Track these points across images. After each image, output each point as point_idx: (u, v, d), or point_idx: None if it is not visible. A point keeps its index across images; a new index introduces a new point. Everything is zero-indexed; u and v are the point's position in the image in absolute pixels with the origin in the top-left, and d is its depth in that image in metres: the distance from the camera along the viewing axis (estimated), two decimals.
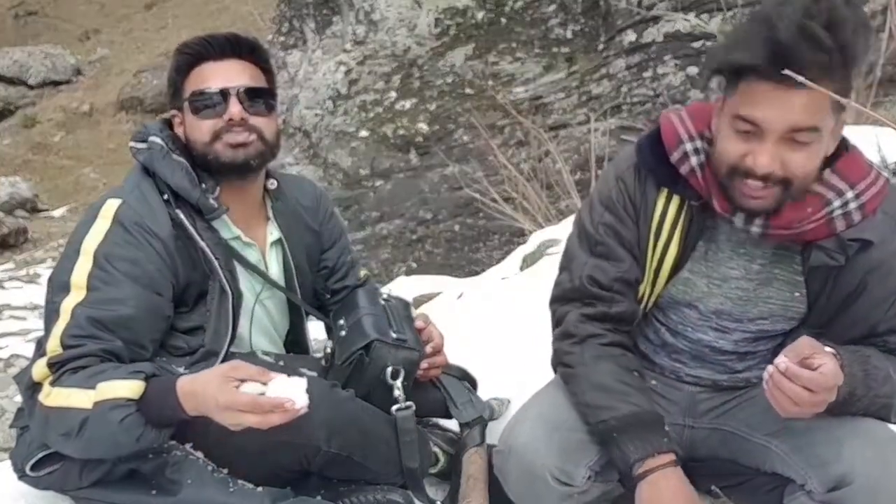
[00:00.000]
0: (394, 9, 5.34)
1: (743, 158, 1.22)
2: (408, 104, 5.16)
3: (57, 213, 11.17)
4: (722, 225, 1.37)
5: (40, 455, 1.51)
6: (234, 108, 1.51)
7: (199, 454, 1.50)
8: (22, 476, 1.57)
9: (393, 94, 5.24)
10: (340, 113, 5.32)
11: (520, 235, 4.58)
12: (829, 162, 1.28)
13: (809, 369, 1.17)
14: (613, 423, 1.31)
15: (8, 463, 1.65)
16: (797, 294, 1.36)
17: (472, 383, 1.86)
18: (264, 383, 1.32)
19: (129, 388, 1.36)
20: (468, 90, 5.04)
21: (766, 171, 1.20)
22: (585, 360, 1.39)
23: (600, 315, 1.41)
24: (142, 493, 1.49)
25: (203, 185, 1.53)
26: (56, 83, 14.56)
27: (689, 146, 1.33)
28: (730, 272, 1.39)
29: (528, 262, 3.38)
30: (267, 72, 1.62)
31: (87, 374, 1.38)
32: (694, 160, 1.32)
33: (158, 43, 15.02)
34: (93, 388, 1.35)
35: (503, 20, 5.05)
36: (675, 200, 1.37)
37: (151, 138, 1.53)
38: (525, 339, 2.14)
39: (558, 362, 1.45)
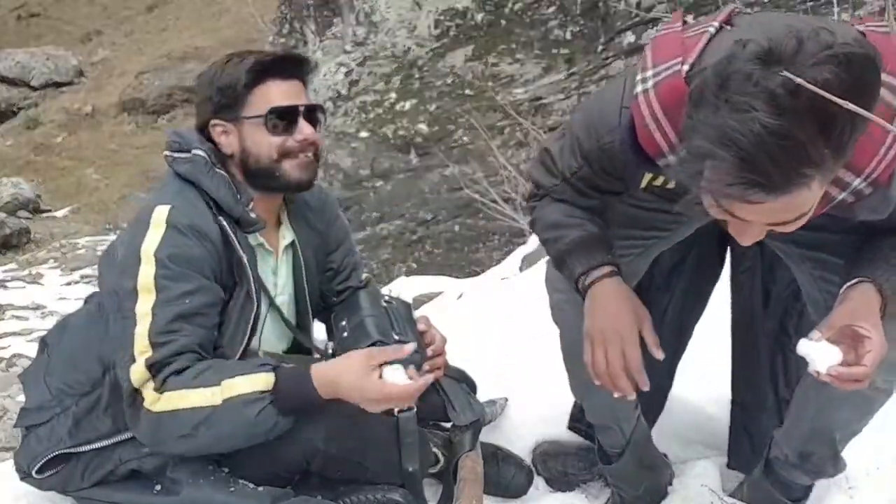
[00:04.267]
0: (394, 10, 5.35)
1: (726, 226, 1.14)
2: (408, 105, 5.17)
3: (59, 213, 11.21)
4: None
5: (46, 459, 1.52)
6: (307, 129, 1.56)
7: None
8: (25, 477, 1.58)
9: (393, 95, 5.25)
10: (341, 114, 5.33)
11: (520, 236, 4.59)
12: None
13: (856, 337, 1.15)
14: (562, 247, 1.42)
15: (9, 463, 1.66)
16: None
17: (471, 386, 1.85)
18: (401, 361, 1.44)
19: (261, 381, 1.39)
20: (468, 91, 5.05)
21: (750, 244, 1.14)
22: (542, 205, 1.49)
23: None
24: (143, 493, 1.51)
25: (240, 198, 1.55)
26: (58, 84, 14.61)
27: (672, 159, 1.23)
28: None
29: (528, 262, 3.36)
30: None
31: (195, 373, 1.40)
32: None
33: (160, 45, 15.05)
34: (217, 384, 1.38)
35: (503, 21, 5.05)
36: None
37: (195, 151, 1.55)
38: (525, 340, 2.14)
39: (530, 223, 1.55)
